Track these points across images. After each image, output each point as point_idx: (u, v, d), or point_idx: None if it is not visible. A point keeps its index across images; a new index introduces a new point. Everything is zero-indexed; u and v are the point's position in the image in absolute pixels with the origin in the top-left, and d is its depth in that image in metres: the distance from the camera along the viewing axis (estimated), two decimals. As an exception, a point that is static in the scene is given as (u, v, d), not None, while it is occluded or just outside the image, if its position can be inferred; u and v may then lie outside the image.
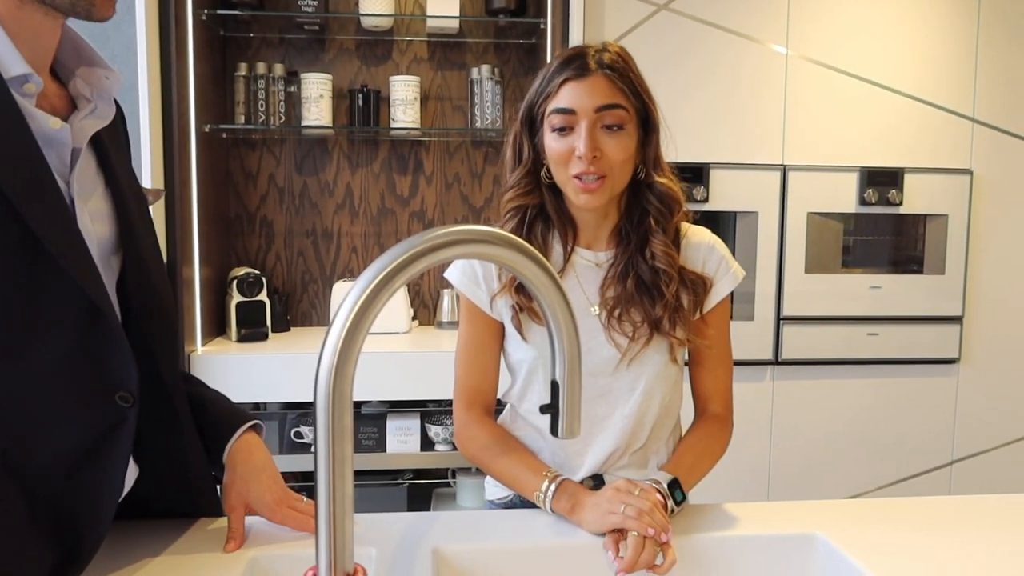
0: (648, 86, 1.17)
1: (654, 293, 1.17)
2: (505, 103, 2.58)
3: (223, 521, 1.07)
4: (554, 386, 0.70)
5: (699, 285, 1.21)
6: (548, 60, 2.38)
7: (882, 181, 2.53)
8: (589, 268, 1.23)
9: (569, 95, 1.12)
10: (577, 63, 1.12)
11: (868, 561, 0.99)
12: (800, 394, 2.60)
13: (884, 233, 2.62)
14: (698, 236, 1.25)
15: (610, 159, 1.12)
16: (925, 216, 2.60)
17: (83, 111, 0.88)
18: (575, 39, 2.31)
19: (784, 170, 2.52)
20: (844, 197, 2.54)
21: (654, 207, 1.19)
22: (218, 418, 1.07)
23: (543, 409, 0.71)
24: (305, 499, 1.08)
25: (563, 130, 1.13)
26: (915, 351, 2.62)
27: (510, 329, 1.23)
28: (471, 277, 1.23)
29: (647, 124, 1.17)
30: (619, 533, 1.01)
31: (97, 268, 0.84)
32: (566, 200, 1.20)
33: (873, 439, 2.64)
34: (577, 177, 1.13)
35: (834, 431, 2.62)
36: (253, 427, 1.11)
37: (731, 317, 1.32)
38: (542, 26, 2.45)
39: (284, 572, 0.99)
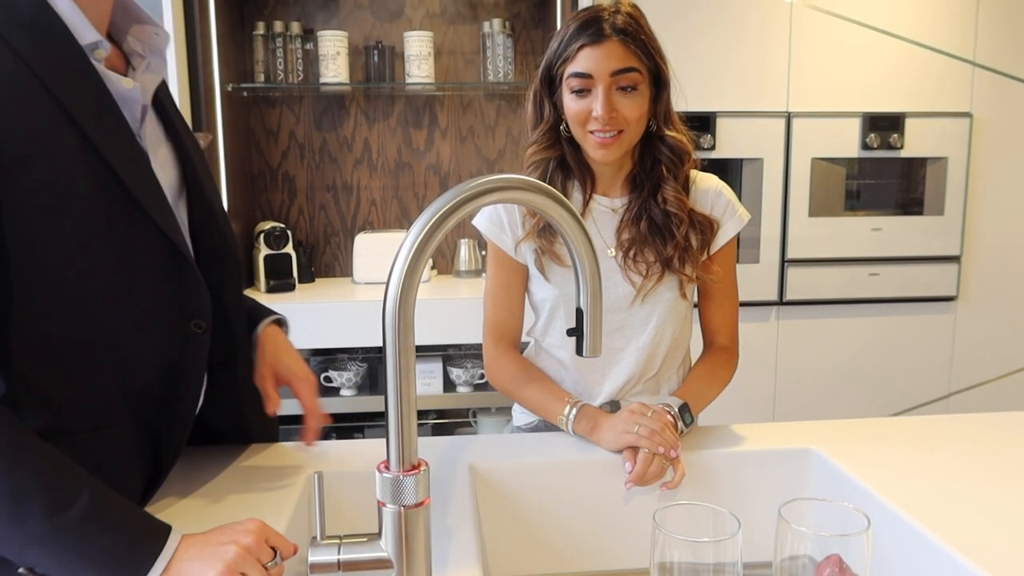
0: (659, 44, 1.26)
1: (665, 234, 1.28)
2: (516, 56, 2.65)
3: (277, 445, 1.19)
4: (579, 312, 0.81)
5: (707, 226, 1.31)
6: (558, 13, 2.45)
7: (884, 126, 2.60)
8: (605, 213, 1.33)
9: (586, 60, 1.21)
10: (593, 28, 1.20)
11: (860, 472, 1.09)
12: (804, 333, 2.72)
13: (886, 176, 2.70)
14: (706, 182, 1.35)
15: (625, 117, 1.22)
16: (925, 159, 2.68)
17: (140, 67, 0.95)
18: (584, -8, 2.37)
19: (789, 117, 2.59)
20: (847, 142, 2.62)
21: (666, 157, 1.28)
22: (250, 310, 1.19)
23: (569, 332, 0.82)
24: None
25: (581, 92, 1.23)
26: (914, 290, 2.73)
27: (533, 271, 1.34)
28: (497, 224, 1.34)
29: (658, 82, 1.26)
30: (634, 449, 1.14)
31: (172, 212, 0.93)
32: (584, 152, 1.30)
33: (873, 374, 2.76)
34: (593, 133, 1.23)
35: (836, 368, 2.74)
36: (277, 322, 1.22)
37: (737, 259, 1.43)
38: (551, -21, 2.51)
39: (342, 487, 1.11)
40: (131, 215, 0.86)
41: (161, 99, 0.99)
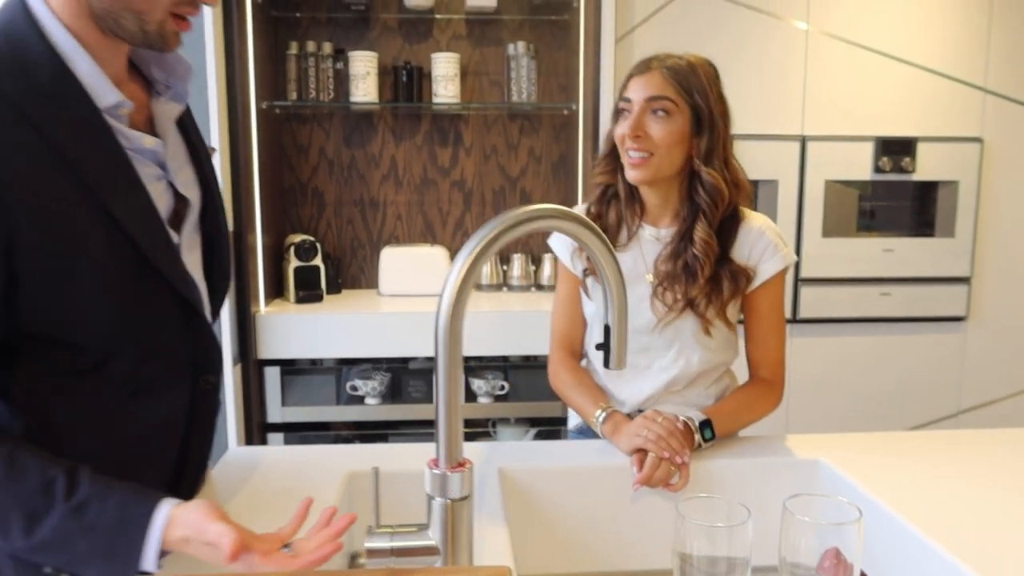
0: (713, 90, 1.34)
1: (693, 276, 1.35)
2: (539, 77, 2.74)
3: (317, 447, 1.27)
4: (606, 329, 0.89)
5: (741, 277, 1.36)
6: (581, 36, 2.55)
7: (896, 150, 2.67)
8: (651, 241, 1.42)
9: (631, 88, 1.34)
10: (644, 64, 1.34)
11: (867, 483, 1.14)
12: (816, 350, 2.78)
13: (898, 199, 2.77)
14: (753, 222, 1.40)
15: (655, 140, 1.31)
16: (937, 183, 2.74)
17: (164, 96, 0.98)
18: (607, 16, 2.45)
19: (803, 140, 2.67)
20: (860, 165, 2.69)
21: (701, 197, 1.35)
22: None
23: (597, 347, 0.91)
24: None
25: (622, 114, 1.35)
26: (925, 310, 2.78)
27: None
28: (566, 243, 1.46)
29: (699, 120, 1.33)
30: (643, 453, 1.22)
31: (188, 273, 0.96)
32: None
33: (884, 393, 2.82)
34: (627, 152, 1.33)
35: (847, 385, 2.80)
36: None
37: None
38: (575, 3, 2.60)
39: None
40: (146, 276, 0.89)
41: (185, 122, 1.03)
